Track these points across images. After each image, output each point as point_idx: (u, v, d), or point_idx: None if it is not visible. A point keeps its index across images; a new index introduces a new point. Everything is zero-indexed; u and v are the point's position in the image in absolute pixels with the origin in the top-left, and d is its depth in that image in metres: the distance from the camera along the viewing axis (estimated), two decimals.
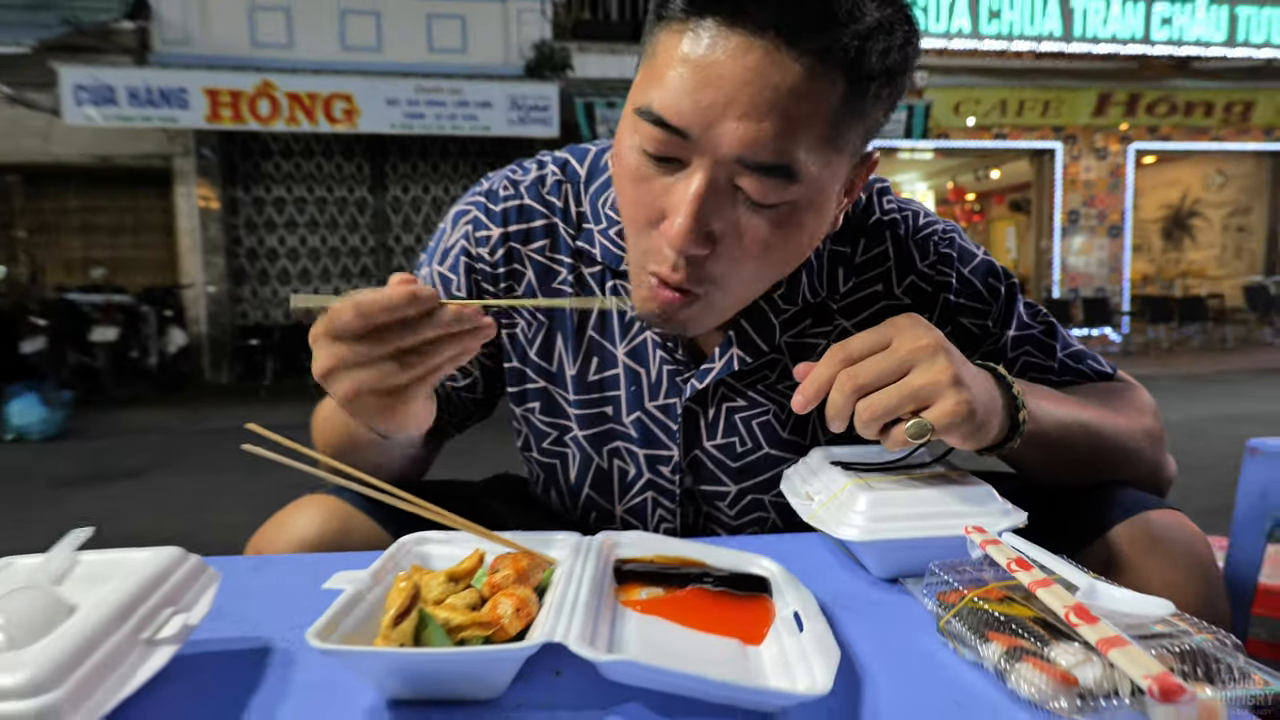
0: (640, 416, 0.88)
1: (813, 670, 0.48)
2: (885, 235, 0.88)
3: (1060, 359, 0.91)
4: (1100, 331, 10.71)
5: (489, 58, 9.06)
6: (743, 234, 0.69)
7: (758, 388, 0.88)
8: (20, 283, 9.08)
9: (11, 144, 8.92)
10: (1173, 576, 0.69)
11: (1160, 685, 0.41)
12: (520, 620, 0.51)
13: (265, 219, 9.79)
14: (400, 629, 0.49)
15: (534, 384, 0.92)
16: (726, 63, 0.62)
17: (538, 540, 0.64)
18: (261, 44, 8.68)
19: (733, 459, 0.89)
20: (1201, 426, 5.54)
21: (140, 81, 7.79)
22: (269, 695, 0.51)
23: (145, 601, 0.51)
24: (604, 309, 0.88)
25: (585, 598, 0.53)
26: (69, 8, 8.19)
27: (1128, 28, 10.24)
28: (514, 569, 0.57)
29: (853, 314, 0.88)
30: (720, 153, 0.65)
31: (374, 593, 0.55)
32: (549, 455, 0.94)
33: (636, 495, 0.91)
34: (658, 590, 0.61)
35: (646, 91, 0.67)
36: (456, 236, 0.91)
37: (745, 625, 0.57)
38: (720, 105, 0.63)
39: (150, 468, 5.07)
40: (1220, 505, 1.20)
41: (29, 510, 4.14)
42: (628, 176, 0.71)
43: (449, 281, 0.91)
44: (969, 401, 0.62)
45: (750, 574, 0.63)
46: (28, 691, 0.39)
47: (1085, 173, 10.87)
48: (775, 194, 0.67)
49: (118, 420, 6.80)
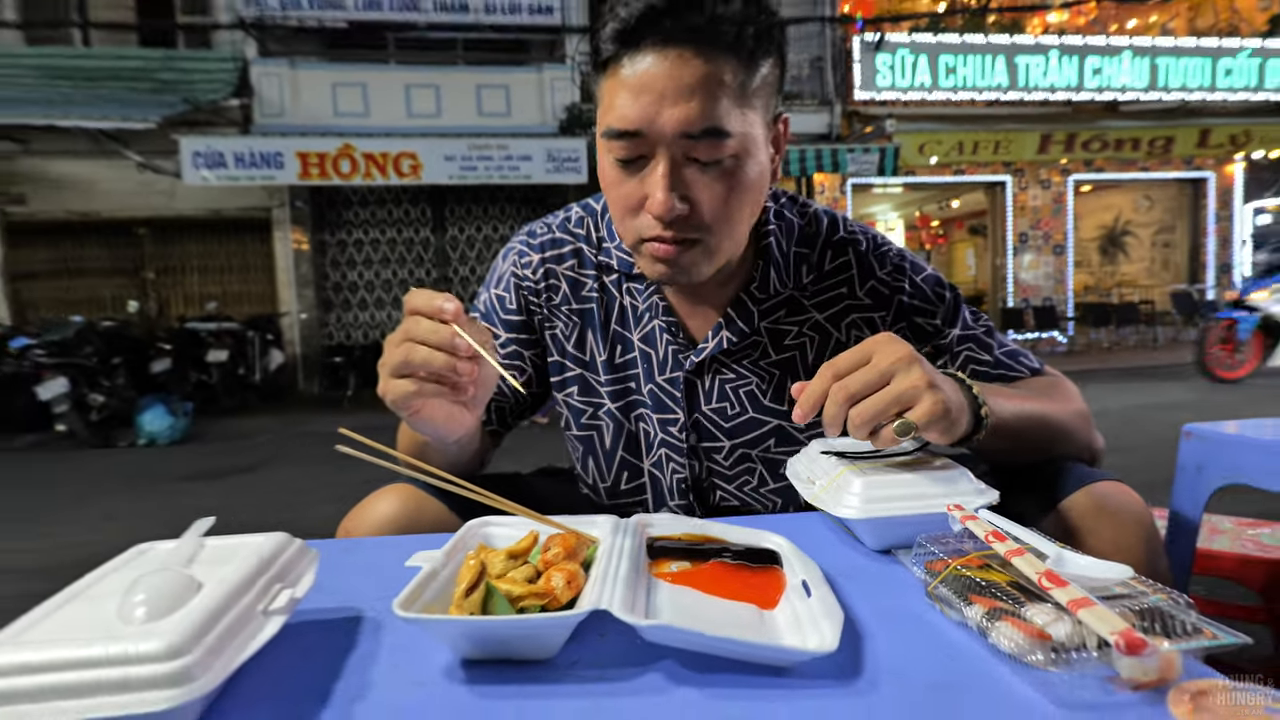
0: (653, 388, 0.93)
1: (821, 630, 0.48)
2: (848, 249, 0.93)
3: (997, 355, 0.92)
4: (1049, 334, 10.57)
5: (528, 119, 9.11)
6: (706, 189, 0.75)
7: (744, 363, 0.92)
8: (150, 315, 9.22)
9: (143, 201, 9.10)
10: (1120, 537, 0.70)
11: (1126, 640, 0.40)
12: (570, 590, 0.51)
13: (347, 257, 9.89)
14: (470, 599, 0.49)
15: (572, 372, 0.96)
16: (651, 74, 0.71)
17: (581, 522, 0.63)
18: (342, 114, 8.78)
19: (725, 420, 0.92)
20: (1136, 413, 5.43)
21: (245, 148, 7.91)
22: (361, 657, 0.51)
23: (260, 579, 0.51)
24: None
25: (625, 571, 0.53)
26: (188, 90, 8.35)
27: (1064, 78, 10.20)
28: (563, 547, 0.56)
29: (823, 309, 0.92)
30: (667, 136, 0.72)
31: (446, 569, 0.55)
32: (585, 429, 0.97)
33: (656, 451, 0.94)
34: (685, 564, 0.61)
35: (605, 120, 0.75)
36: (506, 266, 0.99)
37: (761, 592, 0.56)
38: (656, 103, 0.71)
39: (257, 465, 5.13)
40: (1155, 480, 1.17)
41: (161, 500, 4.19)
42: (611, 183, 0.79)
43: (503, 299, 0.98)
44: (944, 401, 0.63)
45: (763, 548, 0.63)
46: (166, 655, 0.39)
47: (1032, 200, 10.77)
48: (717, 151, 0.73)
49: (229, 426, 6.88)
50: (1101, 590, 0.47)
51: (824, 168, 8.57)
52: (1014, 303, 10.76)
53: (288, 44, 9.05)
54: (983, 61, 9.95)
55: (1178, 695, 0.38)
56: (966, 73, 9.93)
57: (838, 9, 9.95)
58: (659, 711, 0.43)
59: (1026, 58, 10.07)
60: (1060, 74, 10.18)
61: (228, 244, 9.58)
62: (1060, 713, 0.42)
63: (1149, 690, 0.43)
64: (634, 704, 0.44)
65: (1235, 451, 1.20)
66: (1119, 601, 0.45)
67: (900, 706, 0.43)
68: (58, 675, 0.39)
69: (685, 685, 0.45)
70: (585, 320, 0.95)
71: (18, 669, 0.39)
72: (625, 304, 0.94)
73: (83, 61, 8.65)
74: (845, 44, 9.70)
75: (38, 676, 0.38)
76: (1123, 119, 10.22)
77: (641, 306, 0.92)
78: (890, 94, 9.82)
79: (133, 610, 0.44)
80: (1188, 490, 1.30)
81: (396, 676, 0.48)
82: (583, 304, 0.95)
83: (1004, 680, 0.45)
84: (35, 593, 0.46)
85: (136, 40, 9.25)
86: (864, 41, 9.58)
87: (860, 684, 0.45)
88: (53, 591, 0.47)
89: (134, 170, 8.48)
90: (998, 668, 0.46)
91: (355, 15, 8.90)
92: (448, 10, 9.02)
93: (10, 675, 0.38)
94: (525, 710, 0.43)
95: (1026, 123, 9.86)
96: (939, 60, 9.85)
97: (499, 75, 9.02)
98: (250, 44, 8.81)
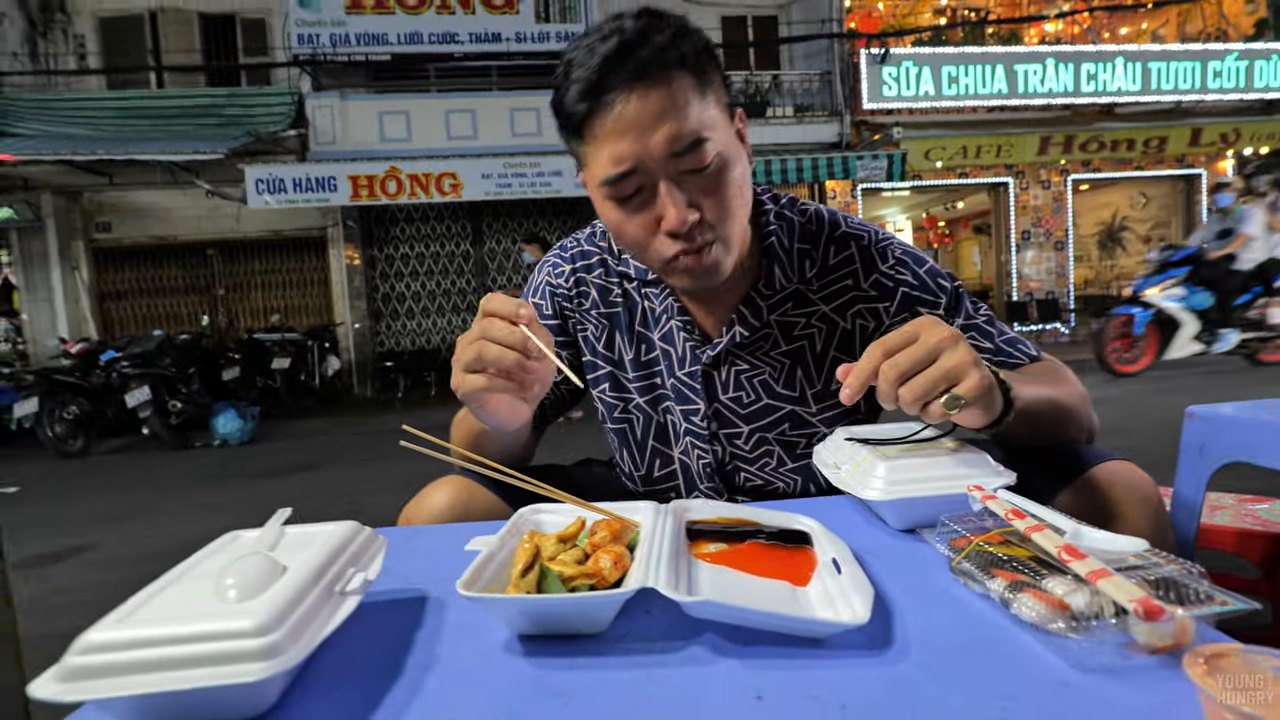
0: (674, 382, 0.94)
1: (853, 604, 0.48)
2: (850, 244, 0.92)
3: (998, 343, 0.90)
4: (1052, 326, 10.35)
5: (558, 138, 9.11)
6: (705, 193, 0.77)
7: (757, 355, 0.92)
8: (220, 328, 9.42)
9: (212, 225, 9.30)
10: (1130, 513, 0.69)
11: (1144, 607, 0.39)
12: (617, 570, 0.52)
13: (395, 270, 10.00)
14: (526, 580, 0.49)
15: (603, 370, 0.98)
16: (626, 115, 0.73)
17: (624, 509, 0.64)
18: (388, 140, 8.88)
19: (742, 408, 0.93)
20: (1138, 398, 5.30)
21: (302, 174, 8.02)
22: (428, 633, 0.52)
23: (336, 562, 0.52)
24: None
25: (667, 552, 0.53)
26: (251, 124, 8.50)
27: (1061, 84, 9.97)
28: (609, 531, 0.57)
29: (828, 301, 0.92)
30: (659, 160, 0.74)
31: (502, 553, 0.55)
32: (619, 422, 0.99)
33: (683, 440, 0.95)
34: (722, 545, 0.60)
35: (599, 172, 0.77)
36: (542, 277, 1.02)
37: (794, 570, 0.56)
38: (640, 136, 0.73)
39: (319, 463, 5.21)
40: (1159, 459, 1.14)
41: (234, 496, 4.28)
42: (620, 225, 0.80)
43: (540, 307, 1.00)
44: (988, 377, 0.61)
45: (795, 529, 0.62)
46: (257, 632, 0.40)
47: (1033, 200, 10.54)
48: (703, 158, 0.75)
49: (293, 428, 7.00)
50: (1117, 562, 0.46)
51: (835, 174, 8.48)
52: (1018, 296, 10.55)
53: (338, 78, 9.18)
54: (983, 71, 9.77)
55: (1193, 658, 0.37)
56: (968, 81, 9.76)
57: (844, 26, 9.84)
58: (704, 681, 0.43)
59: (1025, 66, 9.87)
60: (1057, 80, 9.97)
61: (288, 261, 9.75)
62: (1080, 676, 0.41)
63: (1164, 655, 0.42)
64: (681, 674, 0.44)
65: (1236, 431, 1.18)
66: (1135, 572, 0.45)
67: (929, 672, 0.42)
68: (162, 650, 0.40)
69: (728, 657, 0.46)
70: (613, 323, 0.97)
71: (127, 644, 0.40)
72: (645, 307, 0.95)
73: (157, 101, 8.86)
74: (853, 58, 9.58)
75: (145, 651, 0.40)
76: (1118, 121, 9.96)
77: (659, 309, 0.94)
78: (896, 104, 9.67)
79: (226, 591, 0.45)
80: (1190, 469, 1.26)
81: (461, 650, 0.49)
82: (610, 308, 0.97)
83: (1027, 646, 0.44)
84: (148, 574, 0.47)
85: (204, 80, 9.45)
86: (870, 55, 9.46)
87: (890, 653, 0.45)
88: (161, 572, 0.48)
89: (204, 198, 8.68)
90: (1020, 635, 0.46)
91: (398, 49, 8.99)
92: (482, 41, 9.08)
93: (120, 650, 0.40)
94: (580, 680, 0.44)
95: (1026, 127, 9.65)
96: (942, 71, 9.68)
97: (530, 99, 9.05)
98: (304, 79, 8.94)
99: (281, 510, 0.60)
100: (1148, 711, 0.38)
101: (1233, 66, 10.22)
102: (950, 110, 9.88)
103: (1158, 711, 0.38)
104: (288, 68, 8.92)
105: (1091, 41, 10.26)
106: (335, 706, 0.43)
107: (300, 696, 0.44)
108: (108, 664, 0.39)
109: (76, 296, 9.05)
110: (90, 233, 9.15)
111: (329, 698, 0.44)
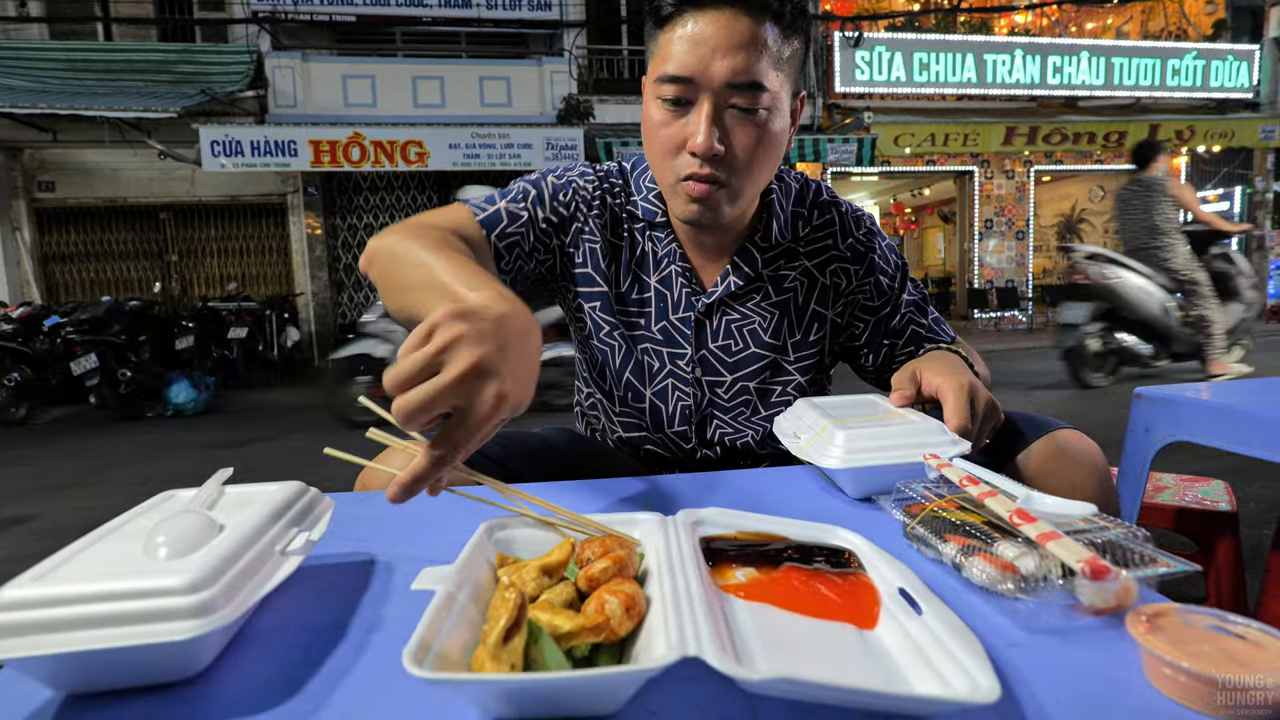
0: (665, 325, 0.96)
1: (960, 661, 0.35)
2: (831, 210, 1.00)
3: (929, 322, 1.01)
4: (1010, 314, 10.59)
5: (528, 109, 8.98)
6: (741, 134, 0.80)
7: (747, 305, 0.96)
8: (173, 295, 9.11)
9: (164, 188, 8.94)
10: (1079, 478, 0.74)
11: (1091, 567, 0.39)
12: (631, 619, 0.39)
13: (357, 240, 9.76)
14: (510, 647, 0.36)
15: (599, 288, 0.98)
16: (706, 30, 0.76)
17: (620, 521, 0.52)
18: (352, 105, 8.62)
19: (729, 356, 0.96)
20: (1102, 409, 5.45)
21: (260, 137, 7.76)
22: (374, 596, 0.50)
23: (277, 522, 0.50)
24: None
25: (697, 595, 0.39)
26: (205, 82, 8.16)
27: (1028, 75, 10.14)
28: (611, 560, 0.44)
29: (812, 258, 0.98)
30: (715, 84, 0.77)
31: (463, 592, 0.41)
32: (604, 344, 0.99)
33: (660, 381, 0.97)
34: (752, 570, 0.47)
35: (660, 67, 0.79)
36: (571, 175, 0.98)
37: (853, 607, 0.44)
38: (709, 54, 0.76)
39: (277, 434, 5.10)
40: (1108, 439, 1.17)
41: (191, 465, 4.17)
42: (656, 125, 0.82)
43: (557, 189, 0.96)
44: (997, 404, 0.76)
45: (834, 546, 0.51)
46: (188, 589, 0.39)
47: (997, 190, 10.72)
48: (755, 101, 0.78)
49: (250, 399, 6.83)
50: (1066, 525, 0.47)
51: (806, 157, 8.50)
52: (979, 284, 10.76)
53: (299, 38, 8.86)
54: (953, 59, 9.87)
55: (1134, 617, 0.38)
56: (939, 69, 9.85)
57: (819, 7, 9.82)
58: None
59: (993, 56, 9.99)
60: (1024, 71, 10.13)
61: (245, 228, 9.43)
62: (1028, 636, 0.42)
63: (1108, 616, 0.43)
64: None
65: (1179, 412, 1.22)
66: (1082, 535, 0.45)
67: None
68: (85, 608, 0.38)
69: None
70: (615, 254, 0.98)
71: (45, 601, 0.38)
72: (647, 249, 0.97)
73: (105, 55, 8.44)
74: (827, 40, 9.58)
75: (65, 609, 0.38)
76: (1080, 114, 10.17)
77: (661, 252, 0.96)
78: (868, 88, 9.73)
79: (156, 549, 0.43)
80: (1136, 449, 1.31)
81: (408, 611, 0.47)
82: (617, 238, 0.98)
83: (976, 608, 0.45)
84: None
85: (156, 35, 9.03)
86: (844, 38, 9.46)
87: None
88: None
89: (156, 159, 8.33)
90: (970, 598, 0.46)
91: (363, 10, 8.71)
92: (451, 5, 8.84)
93: (37, 608, 0.38)
94: None
95: (993, 117, 9.79)
96: (913, 57, 9.75)
97: (500, 68, 8.87)
98: (264, 38, 8.62)
99: (222, 470, 0.57)
100: (1091, 669, 0.38)
101: (1191, 65, 10.50)
102: (920, 97, 9.97)
103: (1101, 668, 0.38)
104: (246, 24, 8.57)
105: (1059, 34, 10.41)
106: (275, 668, 0.41)
107: (238, 658, 0.42)
108: (23, 622, 0.37)
109: (18, 258, 8.64)
110: (33, 192, 8.72)
111: (269, 659, 0.42)
